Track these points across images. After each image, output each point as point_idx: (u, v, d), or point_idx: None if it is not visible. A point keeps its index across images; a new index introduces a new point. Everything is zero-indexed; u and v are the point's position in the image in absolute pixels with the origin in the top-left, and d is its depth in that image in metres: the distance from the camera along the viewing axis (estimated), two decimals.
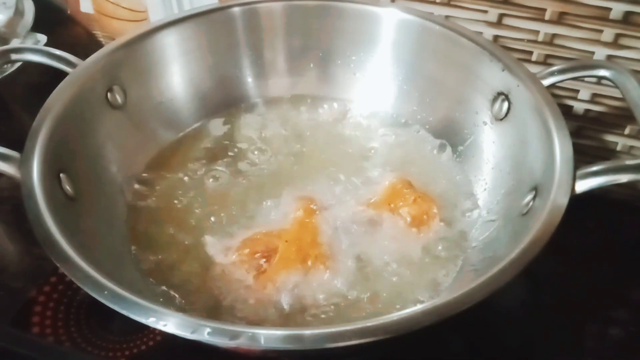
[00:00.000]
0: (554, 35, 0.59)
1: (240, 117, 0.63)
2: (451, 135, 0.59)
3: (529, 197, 0.46)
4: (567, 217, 0.40)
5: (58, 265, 0.38)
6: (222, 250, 0.49)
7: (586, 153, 0.64)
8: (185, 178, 0.56)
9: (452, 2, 0.61)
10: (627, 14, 0.55)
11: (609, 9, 0.55)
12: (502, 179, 0.52)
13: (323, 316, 0.45)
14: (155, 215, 0.53)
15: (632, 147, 0.62)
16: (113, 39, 0.58)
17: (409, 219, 0.51)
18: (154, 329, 0.46)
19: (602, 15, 0.56)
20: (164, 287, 0.47)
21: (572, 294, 0.53)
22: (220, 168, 0.57)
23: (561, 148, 0.44)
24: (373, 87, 0.64)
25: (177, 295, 0.47)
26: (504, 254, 0.39)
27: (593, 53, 0.58)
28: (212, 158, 0.58)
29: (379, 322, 0.35)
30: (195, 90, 0.63)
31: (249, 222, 0.52)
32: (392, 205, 0.52)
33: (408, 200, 0.52)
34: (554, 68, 0.52)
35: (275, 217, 0.52)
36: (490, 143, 0.55)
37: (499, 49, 0.55)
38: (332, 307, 0.46)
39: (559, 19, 0.57)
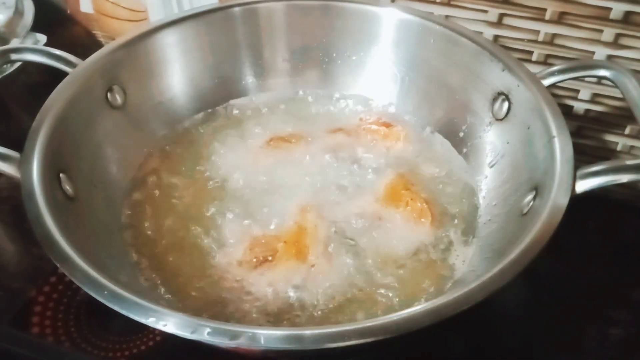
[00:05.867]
0: (554, 35, 0.59)
1: (240, 116, 0.63)
2: (451, 135, 0.59)
3: (529, 197, 0.46)
4: (568, 217, 0.40)
5: (58, 265, 0.38)
6: (222, 250, 0.50)
7: (586, 153, 0.64)
8: (185, 178, 0.56)
9: (452, 2, 0.61)
10: (627, 13, 0.55)
11: (609, 9, 0.55)
12: (502, 179, 0.52)
13: (323, 315, 0.45)
14: (155, 214, 0.53)
15: (632, 147, 0.62)
16: (113, 39, 0.58)
17: (408, 219, 0.51)
18: (154, 329, 0.46)
19: (602, 15, 0.56)
20: (163, 287, 0.47)
21: (572, 294, 0.53)
22: (220, 168, 0.57)
23: (561, 148, 0.44)
24: (373, 87, 0.64)
25: (176, 295, 0.47)
26: (504, 254, 0.39)
27: (593, 53, 0.58)
28: (212, 158, 0.58)
29: (379, 322, 0.35)
30: (195, 90, 0.63)
31: (249, 222, 0.52)
32: (391, 205, 0.52)
33: (407, 200, 0.52)
34: (554, 68, 0.52)
35: (275, 217, 0.52)
36: (490, 143, 0.55)
37: (499, 48, 0.55)
38: (332, 306, 0.46)
39: (559, 18, 0.57)
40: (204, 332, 0.34)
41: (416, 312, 0.35)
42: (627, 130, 0.62)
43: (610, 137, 0.63)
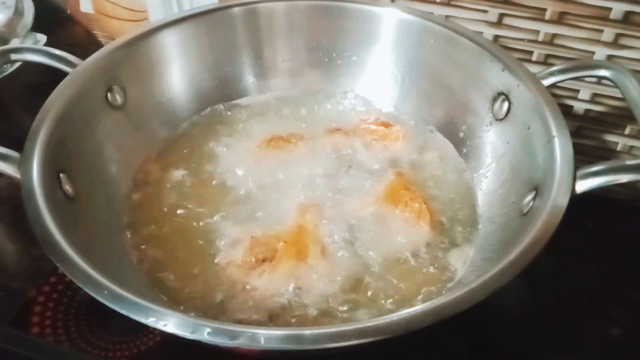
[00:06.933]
0: (554, 35, 0.59)
1: (240, 116, 0.63)
2: (451, 135, 0.59)
3: (529, 197, 0.46)
4: (568, 217, 0.40)
5: (58, 265, 0.38)
6: (222, 250, 0.50)
7: (586, 153, 0.64)
8: (185, 178, 0.56)
9: (452, 2, 0.61)
10: (628, 13, 0.55)
11: (609, 9, 0.55)
12: (502, 179, 0.52)
13: (322, 315, 0.45)
14: (155, 215, 0.53)
15: (632, 147, 0.62)
16: (113, 39, 0.59)
17: (407, 219, 0.51)
18: (154, 329, 0.46)
19: (602, 15, 0.56)
20: (163, 287, 0.47)
21: (572, 294, 0.53)
22: (220, 168, 0.57)
23: (561, 148, 0.44)
24: (373, 86, 0.64)
25: (176, 295, 0.47)
26: (504, 254, 0.39)
27: (593, 53, 0.58)
28: (211, 158, 0.58)
29: (379, 322, 0.35)
30: (195, 89, 0.63)
31: (249, 222, 0.52)
32: (391, 205, 0.52)
33: (406, 201, 0.52)
34: (554, 68, 0.52)
35: (275, 217, 0.52)
36: (490, 143, 0.55)
37: (499, 48, 0.55)
38: (332, 306, 0.46)
39: (559, 18, 0.57)
40: (204, 332, 0.34)
41: (416, 312, 0.35)
42: (627, 130, 0.62)
43: (610, 137, 0.63)
